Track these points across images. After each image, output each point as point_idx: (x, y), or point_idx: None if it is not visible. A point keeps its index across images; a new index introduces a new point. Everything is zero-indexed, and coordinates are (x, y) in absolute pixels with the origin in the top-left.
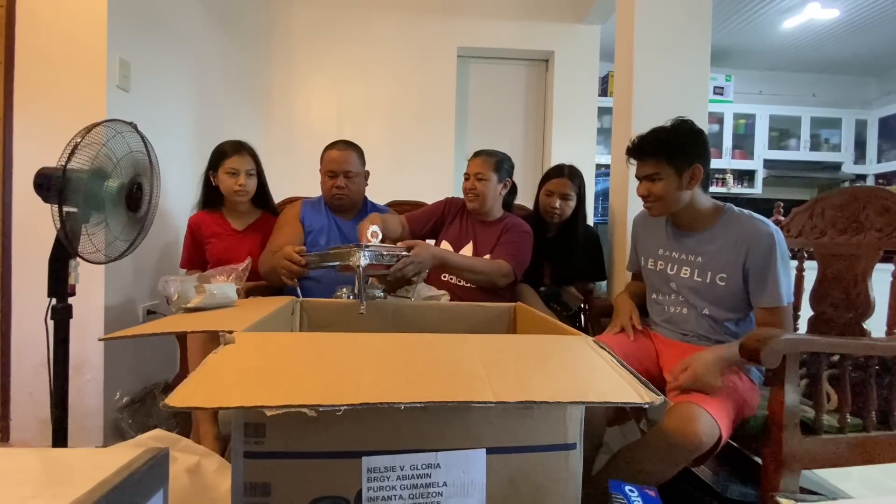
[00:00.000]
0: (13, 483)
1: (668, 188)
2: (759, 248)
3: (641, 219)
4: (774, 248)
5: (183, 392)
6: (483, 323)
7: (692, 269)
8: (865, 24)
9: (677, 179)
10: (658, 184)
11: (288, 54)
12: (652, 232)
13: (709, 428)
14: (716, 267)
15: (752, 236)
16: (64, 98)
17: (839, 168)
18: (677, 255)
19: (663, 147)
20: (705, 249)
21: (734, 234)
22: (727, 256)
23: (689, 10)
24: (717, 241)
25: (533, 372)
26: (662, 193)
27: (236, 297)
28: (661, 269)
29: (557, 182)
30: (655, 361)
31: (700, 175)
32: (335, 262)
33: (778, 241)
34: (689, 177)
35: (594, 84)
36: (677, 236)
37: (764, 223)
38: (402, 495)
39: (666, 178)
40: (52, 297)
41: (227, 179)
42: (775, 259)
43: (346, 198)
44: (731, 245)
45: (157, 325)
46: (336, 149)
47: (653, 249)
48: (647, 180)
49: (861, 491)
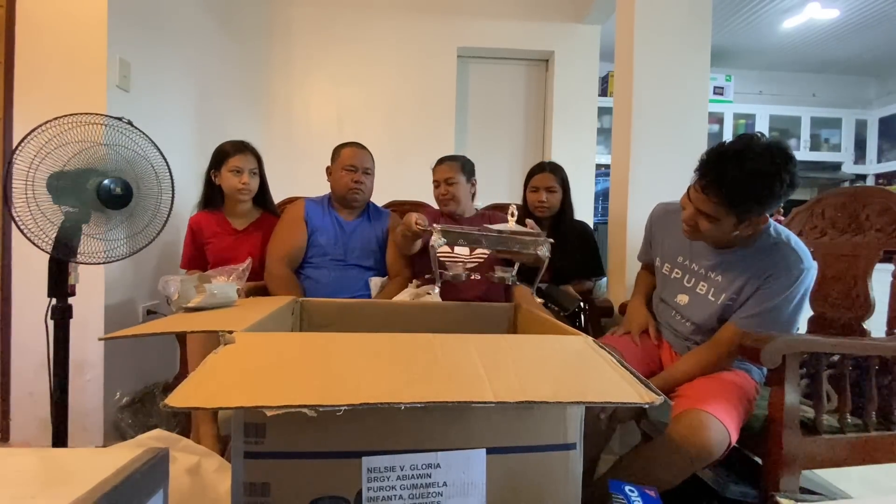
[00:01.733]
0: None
1: (721, 231)
2: (781, 278)
3: (662, 215)
4: (793, 284)
5: (183, 392)
6: (483, 323)
7: (709, 286)
8: (865, 24)
9: (735, 225)
10: (711, 224)
11: (288, 54)
12: (673, 235)
13: (719, 436)
14: (730, 289)
15: (783, 267)
16: (64, 98)
17: (839, 168)
18: (697, 268)
19: (738, 198)
20: (728, 271)
21: (763, 260)
22: (746, 282)
23: (689, 10)
24: (742, 264)
25: (533, 372)
26: (711, 233)
27: (236, 297)
28: (677, 279)
29: (540, 177)
30: (659, 365)
31: (764, 223)
32: (511, 248)
33: (804, 279)
34: (749, 225)
35: (594, 84)
36: (702, 249)
37: (801, 258)
38: (402, 495)
39: (722, 220)
40: (52, 297)
41: (231, 178)
42: (790, 294)
43: (362, 193)
44: (755, 271)
45: (157, 325)
46: (354, 146)
47: (671, 255)
48: (700, 215)
49: (861, 491)
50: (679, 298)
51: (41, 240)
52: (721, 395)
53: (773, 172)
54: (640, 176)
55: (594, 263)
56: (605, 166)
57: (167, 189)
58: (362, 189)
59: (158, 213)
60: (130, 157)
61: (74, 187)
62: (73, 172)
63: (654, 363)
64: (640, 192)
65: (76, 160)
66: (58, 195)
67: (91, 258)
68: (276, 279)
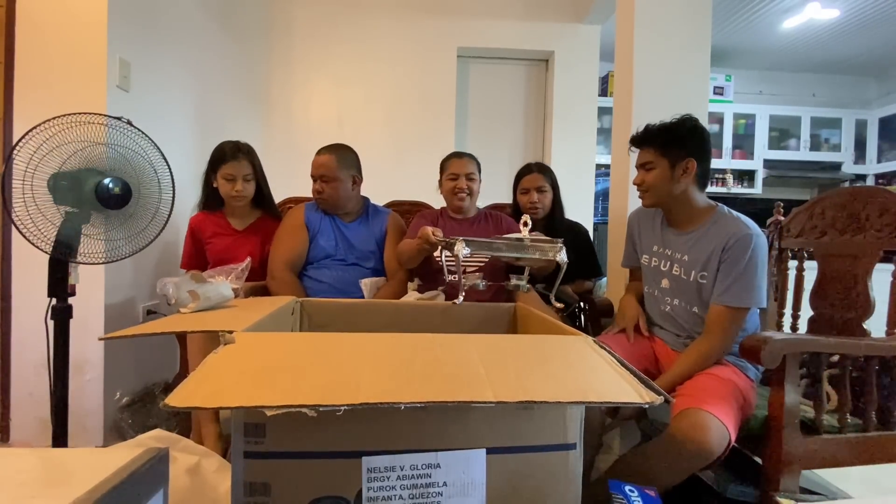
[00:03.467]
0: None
1: (660, 178)
2: (737, 247)
3: (637, 216)
4: (749, 249)
5: (183, 392)
6: (483, 323)
7: (680, 266)
8: (865, 24)
9: (670, 171)
10: (651, 173)
11: (288, 54)
12: (648, 229)
13: (719, 435)
14: (697, 265)
15: (732, 235)
16: (64, 98)
17: (839, 168)
18: (669, 252)
19: (660, 138)
20: (691, 248)
21: (717, 233)
22: (708, 255)
23: (689, 11)
24: (702, 240)
25: (533, 372)
26: (654, 183)
27: (231, 294)
28: (655, 266)
29: (529, 178)
30: (654, 362)
31: (693, 170)
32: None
33: (757, 244)
34: (681, 169)
35: (594, 84)
36: (669, 234)
37: (747, 225)
38: (402, 495)
39: (659, 167)
40: (52, 297)
41: (225, 185)
42: (749, 259)
43: (324, 201)
44: (714, 244)
45: (157, 325)
46: (318, 154)
47: (649, 246)
48: (643, 169)
49: (861, 491)
50: (664, 283)
51: (41, 240)
52: (720, 393)
53: (683, 120)
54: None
55: (590, 263)
56: (605, 166)
57: (167, 189)
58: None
59: (158, 213)
60: (130, 156)
61: (74, 187)
62: (72, 172)
63: (647, 360)
64: None
65: (75, 160)
66: (57, 195)
67: (91, 258)
68: (279, 283)
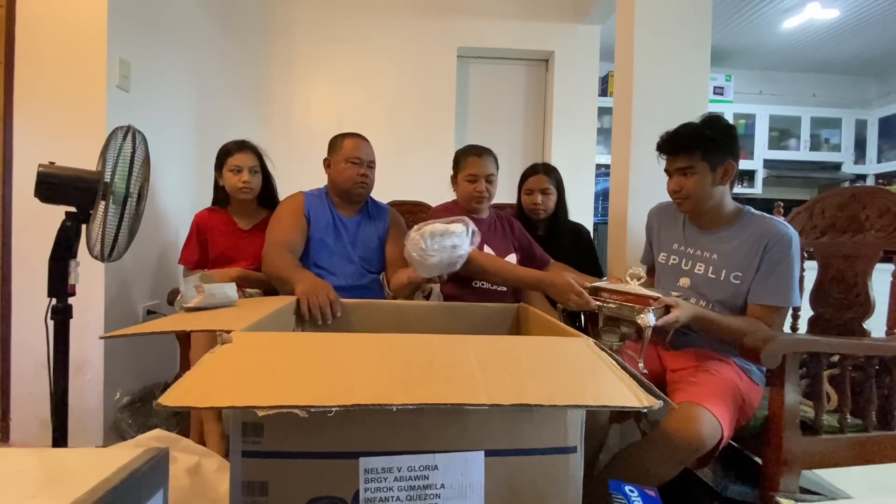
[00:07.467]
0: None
1: (702, 183)
2: (778, 247)
3: (657, 212)
4: (790, 249)
5: (177, 391)
6: (486, 323)
7: (707, 265)
8: (865, 24)
9: (711, 175)
10: (691, 179)
11: (288, 54)
12: (668, 227)
13: (711, 428)
14: (731, 265)
15: (773, 236)
16: (64, 98)
17: (839, 168)
18: (692, 251)
19: (699, 141)
20: (721, 248)
21: (754, 233)
22: (745, 255)
23: (689, 11)
24: (734, 240)
25: (530, 374)
26: (695, 189)
27: (237, 297)
28: (674, 264)
29: (534, 179)
30: (658, 362)
31: (733, 172)
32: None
33: (795, 243)
34: (721, 172)
35: (594, 84)
36: (694, 233)
37: (784, 225)
38: (399, 496)
39: (700, 172)
40: (52, 297)
41: (231, 177)
42: (790, 259)
43: (367, 187)
44: (750, 244)
45: (157, 325)
46: (357, 138)
47: (668, 244)
48: (680, 174)
49: (861, 491)
50: (682, 282)
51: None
52: (717, 391)
53: (721, 120)
54: (640, 176)
55: (591, 264)
56: (605, 166)
57: (167, 189)
58: (367, 182)
59: (158, 213)
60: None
61: (73, 187)
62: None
63: (651, 360)
64: (640, 192)
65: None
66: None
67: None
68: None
